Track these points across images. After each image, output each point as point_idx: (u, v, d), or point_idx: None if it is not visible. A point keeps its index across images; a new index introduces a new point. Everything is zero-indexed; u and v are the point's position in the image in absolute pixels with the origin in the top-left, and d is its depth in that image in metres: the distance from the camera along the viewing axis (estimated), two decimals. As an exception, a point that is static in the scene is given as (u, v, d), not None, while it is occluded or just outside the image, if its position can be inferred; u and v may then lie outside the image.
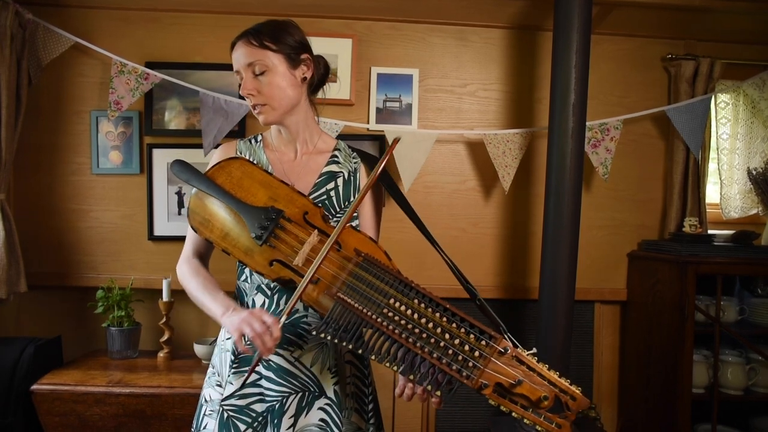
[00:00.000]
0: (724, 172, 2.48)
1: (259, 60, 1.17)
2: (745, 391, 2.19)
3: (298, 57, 1.22)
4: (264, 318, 1.04)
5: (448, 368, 0.94)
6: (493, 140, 2.30)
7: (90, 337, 2.36)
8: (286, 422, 1.16)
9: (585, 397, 0.92)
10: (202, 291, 1.18)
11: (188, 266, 1.24)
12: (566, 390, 0.92)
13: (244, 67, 1.18)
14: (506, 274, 2.46)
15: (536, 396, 0.90)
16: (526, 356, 0.94)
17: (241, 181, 1.15)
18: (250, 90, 1.18)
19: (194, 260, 1.26)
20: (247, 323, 1.03)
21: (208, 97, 2.21)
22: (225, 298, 1.15)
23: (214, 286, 1.19)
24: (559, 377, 0.92)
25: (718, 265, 2.11)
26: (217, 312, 1.12)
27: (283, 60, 1.19)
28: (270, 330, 1.02)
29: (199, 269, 1.24)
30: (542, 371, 0.92)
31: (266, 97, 1.18)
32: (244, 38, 1.19)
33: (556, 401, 0.91)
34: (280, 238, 1.10)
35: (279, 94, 1.19)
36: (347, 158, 1.30)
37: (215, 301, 1.15)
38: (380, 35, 2.39)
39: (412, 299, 1.01)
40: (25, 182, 2.32)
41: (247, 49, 1.18)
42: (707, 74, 2.34)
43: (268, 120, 1.21)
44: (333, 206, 1.23)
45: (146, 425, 1.90)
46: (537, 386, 0.91)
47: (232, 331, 1.05)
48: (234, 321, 1.06)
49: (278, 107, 1.20)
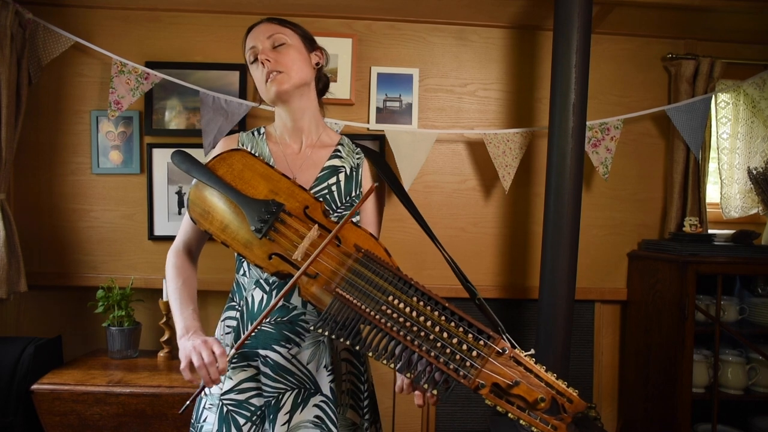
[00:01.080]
0: (724, 171, 2.48)
1: (279, 33, 1.23)
2: (745, 391, 2.19)
3: (312, 44, 1.29)
4: (213, 348, 1.05)
5: (445, 367, 0.93)
6: (493, 140, 2.30)
7: (90, 337, 2.36)
8: (281, 418, 1.16)
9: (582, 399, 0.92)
10: (175, 298, 1.20)
11: (175, 260, 1.26)
12: (563, 392, 0.91)
13: (263, 39, 1.22)
14: (506, 273, 2.46)
15: (533, 397, 0.90)
16: (523, 357, 0.94)
17: (242, 173, 1.14)
18: (268, 55, 1.20)
19: (182, 254, 1.27)
20: (197, 352, 1.05)
21: (209, 97, 2.21)
22: (190, 317, 1.16)
23: (188, 297, 1.21)
24: (556, 379, 0.92)
25: (718, 265, 2.11)
26: (178, 330, 1.14)
27: (300, 40, 1.26)
28: (216, 361, 1.04)
29: (183, 268, 1.25)
30: (540, 372, 0.92)
31: (282, 65, 1.21)
32: (265, 20, 1.25)
33: (553, 403, 0.91)
34: (280, 232, 1.10)
35: (295, 64, 1.22)
36: (350, 153, 1.30)
37: (181, 316, 1.16)
38: (380, 35, 2.39)
39: (411, 297, 1.00)
40: (25, 182, 2.32)
41: (269, 25, 1.24)
42: (707, 74, 2.34)
43: (281, 88, 1.21)
44: (334, 201, 1.23)
45: (146, 425, 1.90)
46: (534, 387, 0.91)
47: (182, 358, 1.07)
48: (186, 347, 1.08)
49: (293, 77, 1.21)
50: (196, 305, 1.20)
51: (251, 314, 1.21)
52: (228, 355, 1.07)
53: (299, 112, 1.26)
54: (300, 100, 1.25)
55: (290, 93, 1.22)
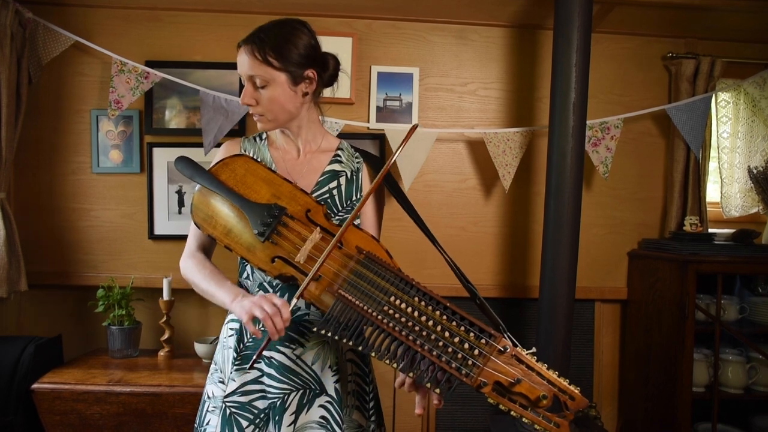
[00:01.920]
0: (724, 170, 2.48)
1: (260, 75, 1.17)
2: (746, 390, 2.19)
3: (301, 74, 1.19)
4: (274, 300, 1.05)
5: (447, 366, 0.94)
6: (493, 139, 2.30)
7: (90, 336, 2.37)
8: (287, 419, 1.17)
9: (583, 397, 0.92)
10: (209, 281, 1.18)
11: (193, 260, 1.24)
12: (565, 389, 0.92)
13: (246, 77, 1.19)
14: (506, 272, 2.46)
15: (535, 395, 0.90)
16: (525, 355, 0.94)
17: (245, 178, 1.15)
18: (249, 101, 1.19)
19: (199, 254, 1.26)
20: (258, 305, 1.04)
21: (209, 96, 2.21)
22: (232, 287, 1.16)
23: (221, 276, 1.20)
24: (558, 377, 0.92)
25: (718, 264, 2.11)
26: (226, 299, 1.13)
27: (285, 78, 1.18)
28: (280, 311, 1.03)
29: (205, 262, 1.24)
30: (541, 370, 0.92)
31: (264, 109, 1.20)
32: (249, 46, 1.17)
33: (555, 400, 0.91)
34: (283, 235, 1.10)
35: (277, 108, 1.20)
36: (350, 158, 1.30)
37: (223, 290, 1.15)
38: (380, 34, 2.39)
39: (412, 297, 1.01)
40: (25, 181, 2.32)
41: (251, 61, 1.17)
42: (708, 73, 2.34)
43: (265, 128, 1.24)
44: (335, 205, 1.24)
45: (147, 424, 1.90)
46: (536, 385, 0.91)
47: (242, 314, 1.06)
48: (245, 305, 1.06)
49: (275, 120, 1.22)
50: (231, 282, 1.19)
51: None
52: (291, 305, 1.05)
53: (296, 129, 1.27)
54: (293, 123, 1.25)
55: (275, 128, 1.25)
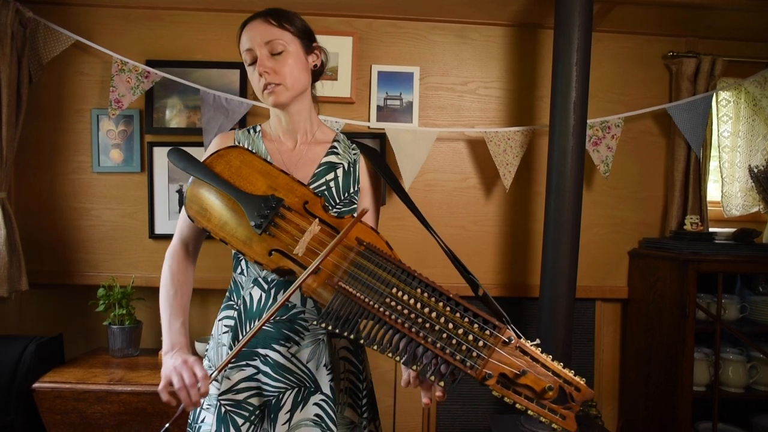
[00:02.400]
0: (725, 169, 2.48)
1: (278, 39, 1.17)
2: (746, 389, 2.19)
3: (310, 44, 1.24)
4: (195, 370, 1.03)
5: (451, 358, 0.92)
6: (493, 138, 2.29)
7: (91, 336, 2.37)
8: (282, 417, 1.16)
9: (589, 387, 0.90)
10: (167, 308, 1.18)
11: (170, 262, 1.24)
12: (570, 381, 0.90)
13: (261, 44, 1.17)
14: (507, 271, 2.46)
15: (540, 386, 0.89)
16: (530, 347, 0.92)
17: (240, 169, 1.13)
18: (267, 68, 1.17)
19: (180, 253, 1.25)
20: (177, 373, 1.03)
21: (209, 95, 2.21)
22: (177, 332, 1.14)
23: (180, 308, 1.18)
24: (563, 368, 0.91)
25: (719, 263, 2.11)
26: (164, 345, 1.14)
27: (299, 44, 1.21)
28: (198, 384, 1.02)
29: (179, 273, 1.22)
30: (546, 362, 0.91)
31: (281, 77, 1.18)
32: (262, 17, 1.19)
33: (561, 392, 0.90)
34: (280, 227, 1.08)
35: (294, 76, 1.19)
36: (347, 150, 1.29)
37: (169, 330, 1.15)
38: (381, 33, 2.39)
39: (414, 288, 0.99)
40: (26, 181, 2.32)
41: (266, 27, 1.18)
42: (709, 72, 2.33)
43: (279, 100, 1.19)
44: (333, 197, 1.23)
45: (148, 423, 1.91)
46: (541, 377, 0.90)
47: (162, 377, 1.05)
48: (167, 366, 1.05)
49: (291, 88, 1.20)
50: (186, 317, 1.18)
51: (249, 313, 1.21)
52: (210, 378, 1.04)
53: (296, 114, 1.26)
54: (297, 104, 1.24)
55: (288, 101, 1.21)
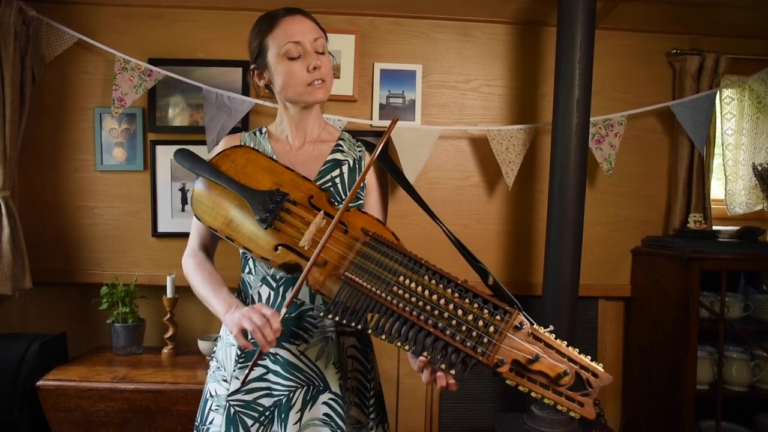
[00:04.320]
0: (729, 167, 2.47)
1: (321, 38, 1.21)
2: (750, 388, 2.18)
3: None
4: (263, 311, 1.04)
5: (462, 345, 0.89)
6: (496, 136, 2.29)
7: (94, 334, 2.37)
8: (293, 417, 1.16)
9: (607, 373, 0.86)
10: (206, 287, 1.18)
11: (194, 260, 1.25)
12: (587, 366, 0.86)
13: (311, 41, 1.19)
14: (510, 270, 2.45)
15: (555, 372, 0.85)
16: (543, 333, 0.89)
17: (245, 167, 1.14)
18: (317, 64, 1.19)
19: (200, 254, 1.26)
20: (247, 317, 1.03)
21: (212, 94, 2.21)
22: (228, 296, 1.16)
23: (218, 283, 1.19)
24: (578, 353, 0.87)
25: (722, 261, 2.10)
26: (220, 310, 1.13)
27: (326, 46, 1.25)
28: (269, 322, 1.02)
29: (204, 264, 1.24)
30: (560, 347, 0.87)
31: (325, 75, 1.20)
32: (302, 14, 1.22)
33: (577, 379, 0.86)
34: (286, 221, 1.08)
35: (331, 76, 1.23)
36: (352, 147, 1.30)
37: (217, 299, 1.15)
38: (383, 31, 2.38)
39: (422, 276, 0.97)
40: (29, 179, 2.32)
41: (312, 25, 1.21)
42: (712, 69, 2.32)
43: (321, 99, 1.22)
44: (339, 193, 1.23)
45: (151, 421, 1.91)
46: (556, 362, 0.86)
47: (232, 328, 1.06)
48: (235, 317, 1.06)
49: (329, 88, 1.22)
50: (228, 289, 1.19)
51: None
52: (280, 315, 1.04)
53: (313, 113, 1.27)
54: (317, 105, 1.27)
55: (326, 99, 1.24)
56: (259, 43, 1.21)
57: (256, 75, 1.25)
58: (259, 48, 1.21)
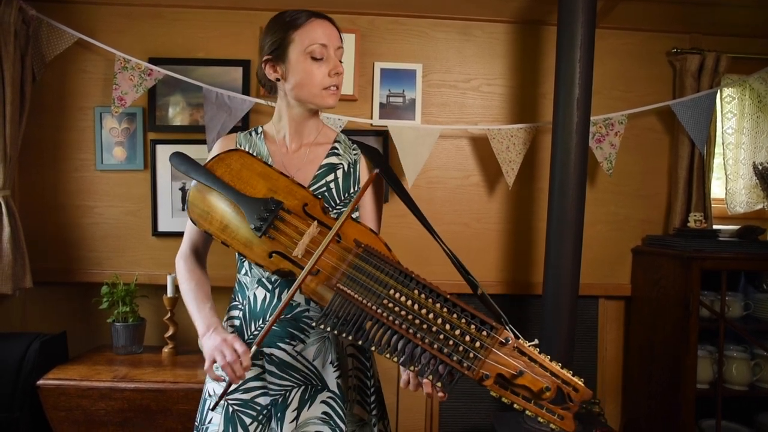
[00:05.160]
0: (729, 166, 2.47)
1: (341, 49, 1.23)
2: (750, 387, 2.19)
3: None
4: (235, 346, 1.07)
5: (448, 359, 0.93)
6: (496, 135, 2.29)
7: (95, 333, 2.37)
8: (289, 415, 1.17)
9: (587, 388, 0.91)
10: (191, 299, 1.21)
11: (184, 264, 1.27)
12: (568, 381, 0.91)
13: (336, 47, 1.20)
14: (510, 269, 2.45)
15: (538, 387, 0.90)
16: (527, 347, 0.93)
17: (240, 172, 1.14)
18: (341, 70, 1.21)
19: (191, 258, 1.28)
20: (219, 351, 1.07)
21: (212, 93, 2.21)
22: (209, 314, 1.18)
23: (204, 296, 1.22)
24: (561, 368, 0.92)
25: (722, 261, 2.10)
26: (199, 329, 1.16)
27: None
28: (240, 359, 1.06)
29: (194, 270, 1.26)
30: (544, 362, 0.92)
31: (340, 83, 1.23)
32: (332, 21, 1.23)
33: (559, 392, 0.90)
34: (280, 230, 1.10)
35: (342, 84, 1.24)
36: (347, 150, 1.30)
37: (200, 315, 1.18)
38: (383, 30, 2.38)
39: (412, 290, 1.00)
40: (29, 179, 2.32)
41: (338, 34, 1.22)
42: (713, 68, 2.32)
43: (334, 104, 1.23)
44: (333, 198, 1.23)
45: (151, 420, 1.91)
46: (538, 377, 0.90)
47: (206, 357, 1.11)
48: (209, 346, 1.10)
49: (339, 96, 1.24)
50: (212, 302, 1.22)
51: (254, 313, 1.21)
52: (250, 352, 1.08)
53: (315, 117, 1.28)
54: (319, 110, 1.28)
55: None
56: (283, 35, 1.18)
57: (270, 66, 1.21)
58: (282, 41, 1.18)
